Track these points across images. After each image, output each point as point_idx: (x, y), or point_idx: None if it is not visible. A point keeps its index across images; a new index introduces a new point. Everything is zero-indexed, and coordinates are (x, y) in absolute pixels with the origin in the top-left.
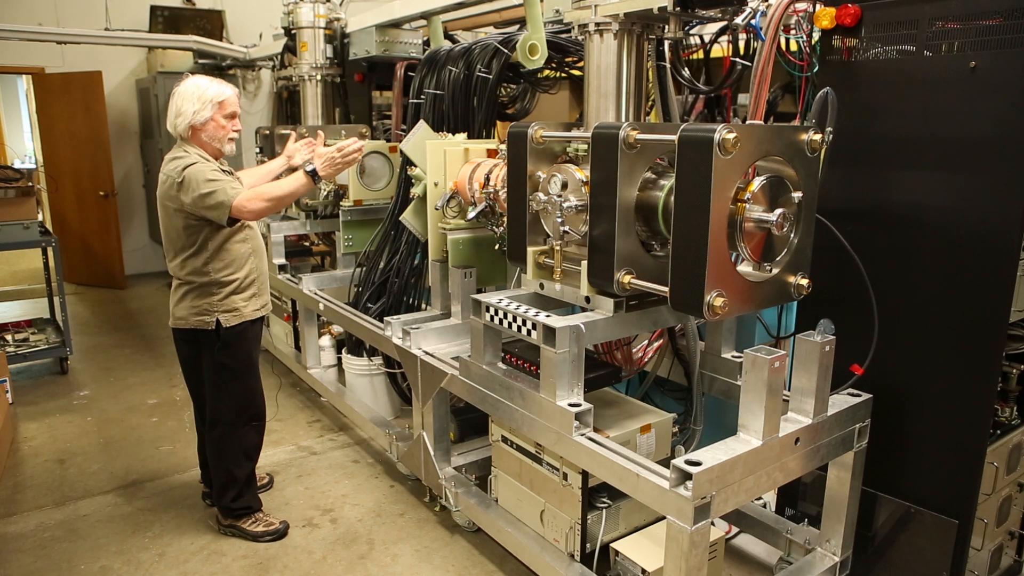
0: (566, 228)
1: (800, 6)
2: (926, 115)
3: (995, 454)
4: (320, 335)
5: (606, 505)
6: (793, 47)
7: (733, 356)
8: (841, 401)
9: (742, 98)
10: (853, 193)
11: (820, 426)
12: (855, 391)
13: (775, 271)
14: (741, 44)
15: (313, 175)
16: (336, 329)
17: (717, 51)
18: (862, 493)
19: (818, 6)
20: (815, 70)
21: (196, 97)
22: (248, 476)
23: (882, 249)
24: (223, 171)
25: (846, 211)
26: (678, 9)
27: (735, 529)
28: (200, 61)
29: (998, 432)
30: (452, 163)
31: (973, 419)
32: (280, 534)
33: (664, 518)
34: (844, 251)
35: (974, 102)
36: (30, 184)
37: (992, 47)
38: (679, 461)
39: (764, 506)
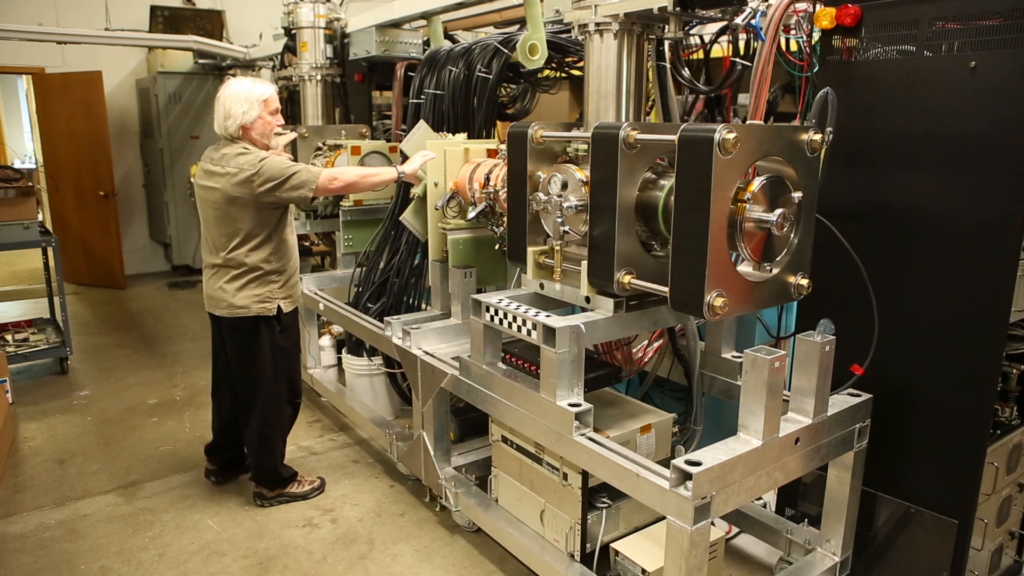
0: (566, 228)
1: (800, 6)
2: (926, 115)
3: (995, 454)
4: (320, 335)
5: (606, 505)
6: (793, 47)
7: (733, 356)
8: (841, 401)
9: (742, 98)
10: (853, 193)
11: (820, 426)
12: (855, 391)
13: (775, 271)
14: (741, 44)
15: (400, 175)
16: (336, 329)
17: (717, 51)
18: (862, 493)
19: (818, 6)
20: (815, 70)
21: (243, 98)
22: (284, 447)
23: (882, 249)
24: None
25: (846, 211)
26: (678, 9)
27: (735, 529)
28: (200, 61)
29: (998, 432)
30: (452, 163)
31: (973, 419)
32: (322, 486)
33: (664, 518)
34: (844, 251)
35: (974, 102)
36: (30, 184)
37: (992, 47)
38: (679, 461)
39: (764, 506)
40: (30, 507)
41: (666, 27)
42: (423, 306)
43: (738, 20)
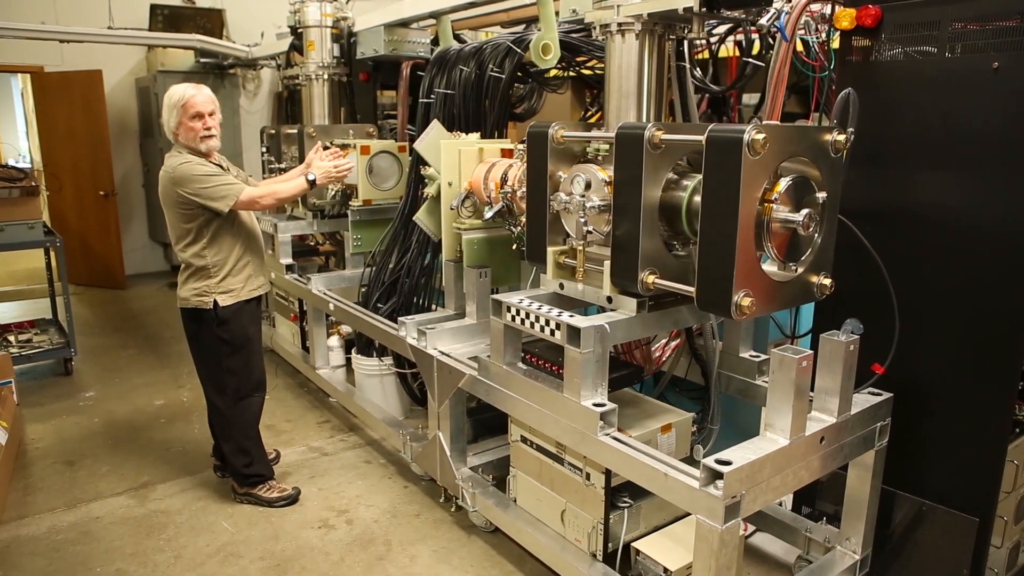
0: (589, 228)
1: (814, 7)
2: (948, 116)
3: (1015, 452)
4: (328, 335)
5: (627, 504)
6: (800, 47)
7: (751, 355)
8: (863, 400)
9: (745, 98)
10: (873, 193)
11: (844, 425)
12: (875, 390)
13: (800, 271)
14: (748, 45)
15: (312, 183)
16: (345, 329)
17: (722, 51)
18: (881, 491)
19: (837, 7)
20: (826, 72)
21: (167, 105)
22: (256, 443)
23: (902, 249)
24: (215, 164)
25: (866, 211)
26: (703, 10)
27: (751, 527)
28: (202, 60)
29: (1017, 430)
30: (467, 163)
31: (994, 417)
32: (293, 499)
33: (684, 517)
34: (863, 251)
35: (996, 102)
36: (34, 184)
37: (1015, 48)
38: (709, 460)
39: (779, 504)
40: (42, 509)
41: (686, 27)
42: (433, 306)
43: (762, 21)
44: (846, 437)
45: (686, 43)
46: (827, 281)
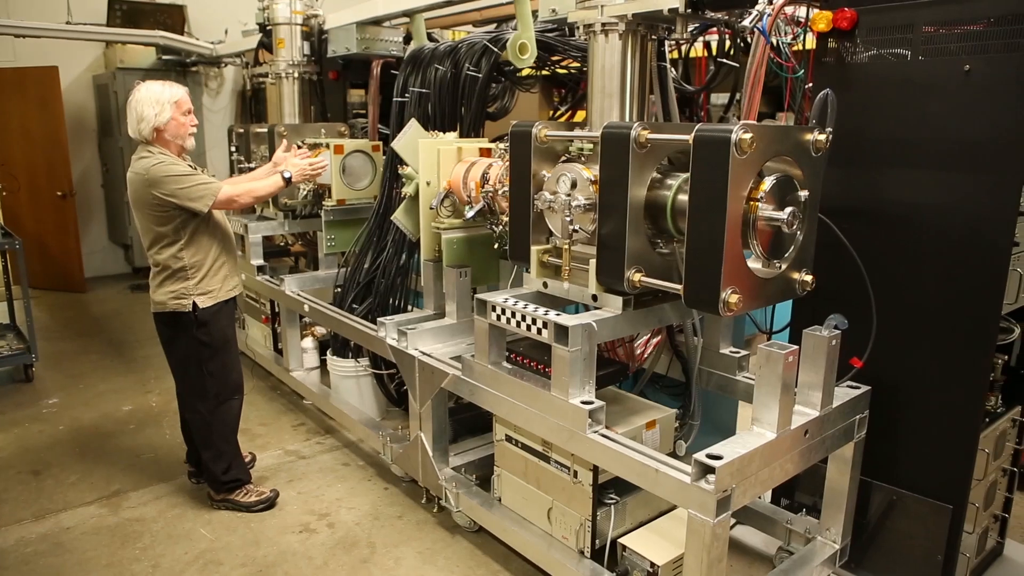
0: (575, 227)
1: (787, 9)
2: (921, 117)
3: (985, 441)
4: (302, 337)
5: (614, 501)
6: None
7: (731, 351)
8: (842, 393)
9: (712, 98)
10: (849, 192)
11: (826, 418)
12: (853, 383)
13: (783, 267)
14: (720, 45)
15: (288, 181)
16: (319, 331)
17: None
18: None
19: (812, 10)
20: (799, 72)
21: (155, 101)
22: (235, 448)
23: (878, 246)
24: (190, 166)
25: (842, 209)
26: (688, 11)
27: (732, 520)
28: (164, 57)
29: (986, 420)
30: (445, 162)
31: (967, 408)
32: (271, 502)
33: (669, 511)
34: (840, 248)
35: (968, 104)
36: None
37: (985, 51)
38: (701, 455)
39: (758, 497)
40: (8, 521)
41: (668, 28)
42: (409, 307)
43: (745, 22)
44: (828, 430)
45: (666, 43)
46: (808, 278)
